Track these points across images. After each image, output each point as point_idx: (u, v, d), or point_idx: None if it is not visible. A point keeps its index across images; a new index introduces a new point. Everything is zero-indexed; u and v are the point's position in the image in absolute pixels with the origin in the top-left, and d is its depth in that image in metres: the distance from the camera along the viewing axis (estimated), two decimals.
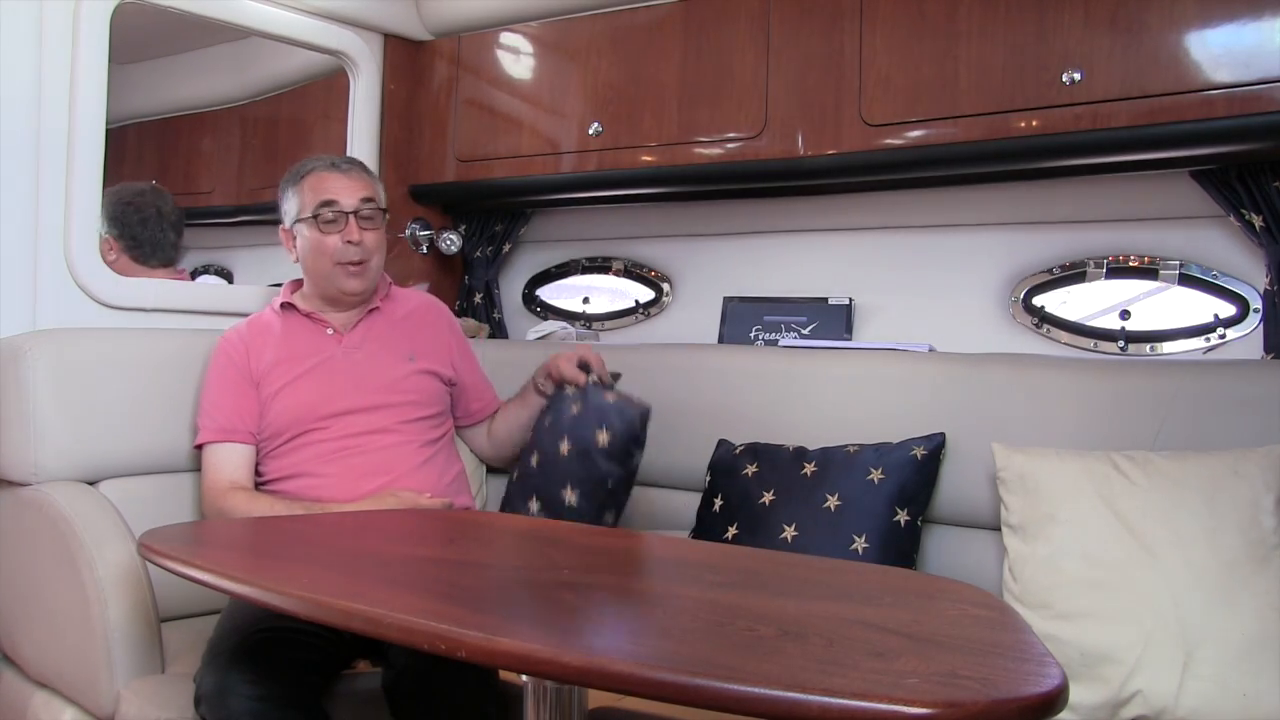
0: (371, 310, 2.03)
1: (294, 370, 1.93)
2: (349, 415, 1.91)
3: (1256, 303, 1.92)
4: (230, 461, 1.88)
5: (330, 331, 1.99)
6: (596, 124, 2.40)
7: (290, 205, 1.99)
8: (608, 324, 2.74)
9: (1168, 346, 2.02)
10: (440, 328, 2.11)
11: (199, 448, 1.92)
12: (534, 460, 1.94)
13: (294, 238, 2.00)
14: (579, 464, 1.85)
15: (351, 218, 1.93)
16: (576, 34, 2.46)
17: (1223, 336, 1.96)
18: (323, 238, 1.93)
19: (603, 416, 1.85)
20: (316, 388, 1.92)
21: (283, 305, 2.01)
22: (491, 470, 2.28)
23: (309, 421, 1.90)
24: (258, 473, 1.93)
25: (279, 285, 2.11)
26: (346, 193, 1.95)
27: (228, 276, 3.48)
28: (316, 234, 1.94)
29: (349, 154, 2.56)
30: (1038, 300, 2.15)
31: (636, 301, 2.70)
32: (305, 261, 1.98)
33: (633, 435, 1.86)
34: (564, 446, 1.87)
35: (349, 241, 1.93)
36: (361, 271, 1.95)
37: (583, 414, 1.87)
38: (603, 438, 1.83)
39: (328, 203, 1.93)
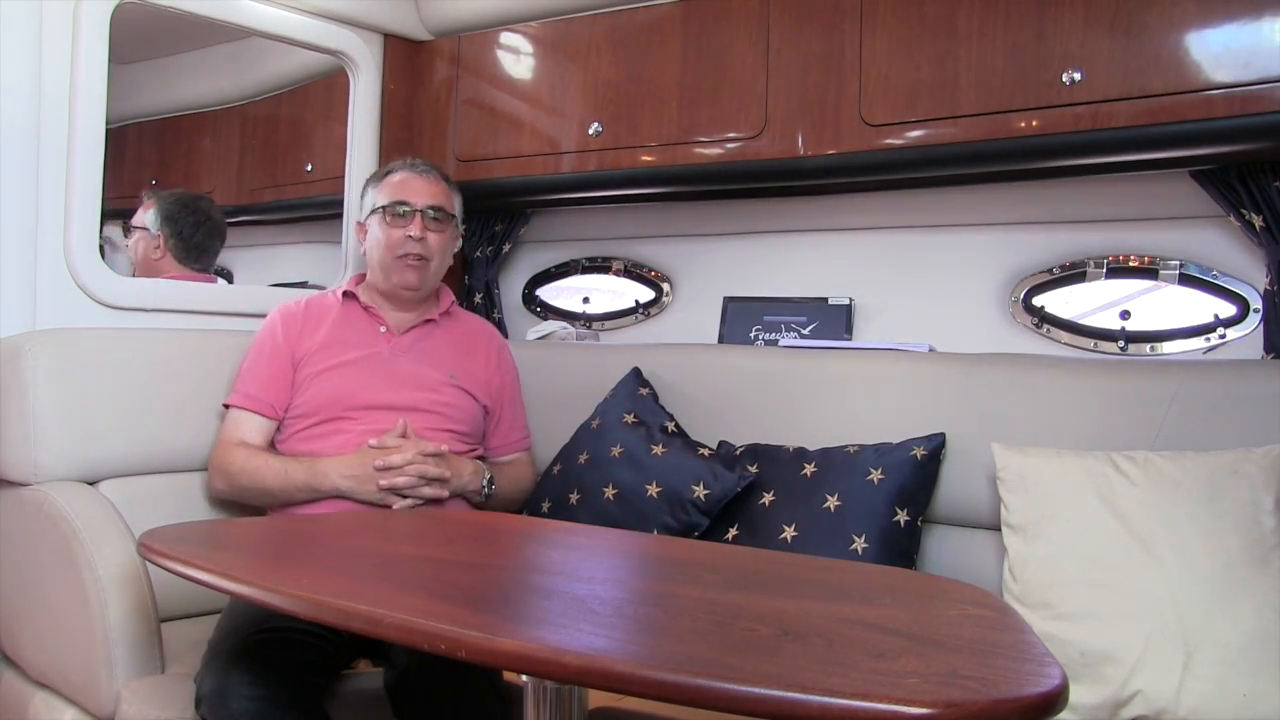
0: (428, 321, 2.07)
1: (339, 356, 1.98)
2: (380, 411, 1.93)
3: (1256, 303, 1.92)
4: (246, 425, 1.94)
5: (383, 329, 2.04)
6: (596, 124, 2.40)
7: (368, 200, 2.09)
8: (608, 324, 2.74)
9: (1168, 346, 2.02)
10: (490, 357, 2.15)
11: (226, 407, 1.98)
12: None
13: (365, 231, 2.08)
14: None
15: (418, 215, 2.01)
16: (576, 34, 2.46)
17: (1223, 336, 1.96)
18: (389, 230, 2.02)
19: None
20: (355, 378, 1.96)
21: (345, 294, 2.07)
22: None
23: (341, 409, 1.93)
24: (280, 454, 1.95)
25: (279, 285, 2.13)
26: (420, 194, 2.04)
27: (228, 276, 3.48)
28: (385, 227, 2.03)
29: (349, 154, 2.57)
30: (1038, 300, 2.15)
31: (636, 301, 2.70)
32: (371, 253, 2.07)
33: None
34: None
35: (410, 236, 2.00)
36: (421, 268, 2.02)
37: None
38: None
39: (401, 201, 2.02)
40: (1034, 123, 1.87)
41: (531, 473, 2.15)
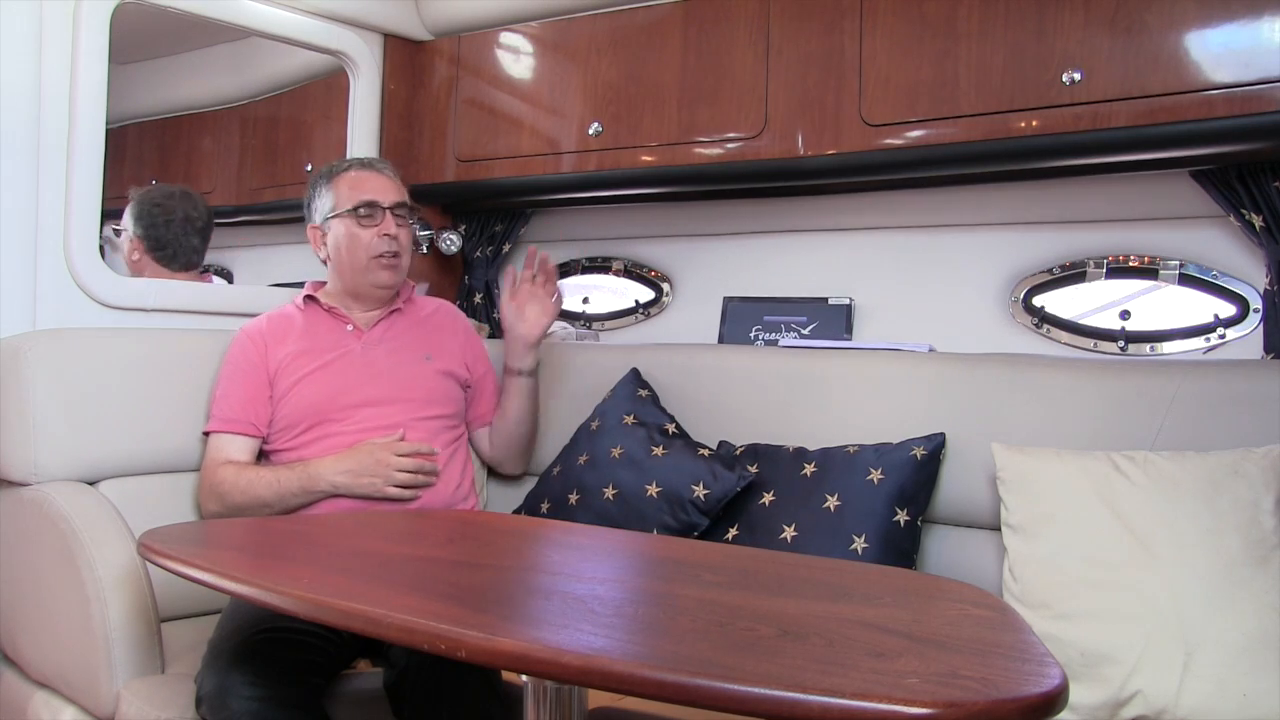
0: (394, 311, 2.06)
1: (313, 363, 1.96)
2: (366, 409, 1.93)
3: (1256, 303, 1.92)
4: (229, 446, 1.92)
5: (350, 328, 2.02)
6: (596, 124, 2.40)
7: (323, 202, 2.02)
8: (608, 324, 2.74)
9: (1168, 346, 2.02)
10: (458, 332, 2.15)
11: (206, 435, 1.95)
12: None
13: (323, 234, 2.02)
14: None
15: (388, 213, 1.99)
16: (576, 34, 2.46)
17: (1223, 336, 1.96)
18: (361, 231, 1.98)
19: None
20: (334, 380, 1.95)
21: (305, 299, 2.04)
22: (492, 473, 2.28)
23: (326, 413, 1.92)
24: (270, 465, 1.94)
25: (279, 285, 2.11)
26: (384, 192, 2.01)
27: (228, 276, 3.48)
28: (355, 228, 1.98)
29: (349, 154, 2.57)
30: (1038, 300, 2.15)
31: (636, 301, 2.70)
32: (339, 257, 2.01)
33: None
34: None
35: (385, 234, 1.98)
36: (395, 265, 2.01)
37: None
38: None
39: (368, 201, 1.98)
40: (1034, 123, 1.87)
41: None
